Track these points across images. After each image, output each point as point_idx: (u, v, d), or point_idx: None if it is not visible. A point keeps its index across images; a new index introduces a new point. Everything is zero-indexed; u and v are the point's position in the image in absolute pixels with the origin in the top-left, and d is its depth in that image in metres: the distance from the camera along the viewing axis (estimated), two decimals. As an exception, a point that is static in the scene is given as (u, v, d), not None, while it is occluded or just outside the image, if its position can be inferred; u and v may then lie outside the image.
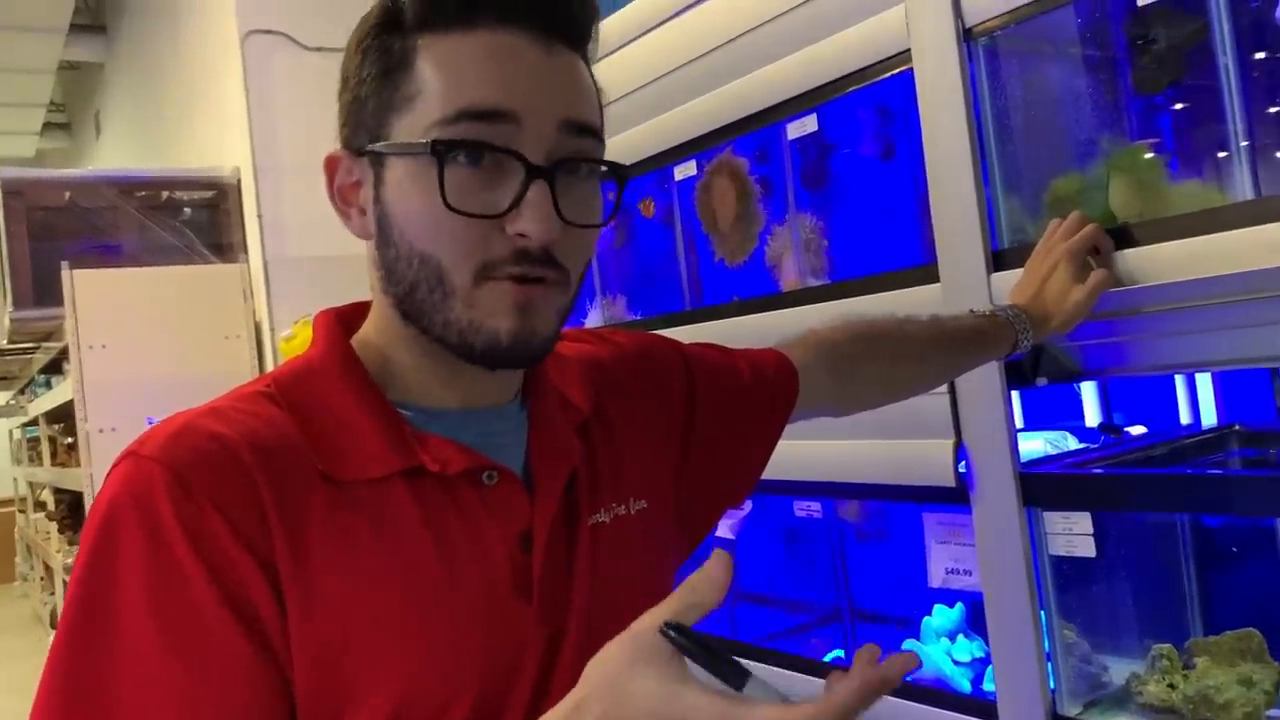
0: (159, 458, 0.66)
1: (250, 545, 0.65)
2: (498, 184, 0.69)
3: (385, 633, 0.68)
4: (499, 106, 0.69)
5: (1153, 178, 1.32)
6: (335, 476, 0.70)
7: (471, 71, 0.69)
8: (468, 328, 0.71)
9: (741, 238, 1.77)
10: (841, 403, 1.12)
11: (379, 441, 0.72)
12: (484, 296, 0.70)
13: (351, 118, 0.74)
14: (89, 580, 0.64)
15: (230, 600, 0.64)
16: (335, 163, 0.75)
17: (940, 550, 1.50)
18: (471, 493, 0.73)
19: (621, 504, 0.82)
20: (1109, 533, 1.33)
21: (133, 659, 0.63)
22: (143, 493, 0.65)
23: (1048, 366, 1.36)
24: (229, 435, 0.68)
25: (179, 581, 0.63)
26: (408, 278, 0.71)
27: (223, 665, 0.63)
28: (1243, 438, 1.53)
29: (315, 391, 0.73)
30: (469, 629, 0.70)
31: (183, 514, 0.64)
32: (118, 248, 4.48)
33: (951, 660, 1.58)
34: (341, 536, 0.68)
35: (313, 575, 0.67)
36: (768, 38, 1.61)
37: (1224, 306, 1.17)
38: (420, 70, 0.70)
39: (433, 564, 0.70)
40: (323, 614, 0.66)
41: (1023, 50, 1.39)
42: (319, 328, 0.78)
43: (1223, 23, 1.14)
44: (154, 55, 5.70)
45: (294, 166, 4.34)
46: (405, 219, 0.71)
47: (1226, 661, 1.30)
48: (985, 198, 1.34)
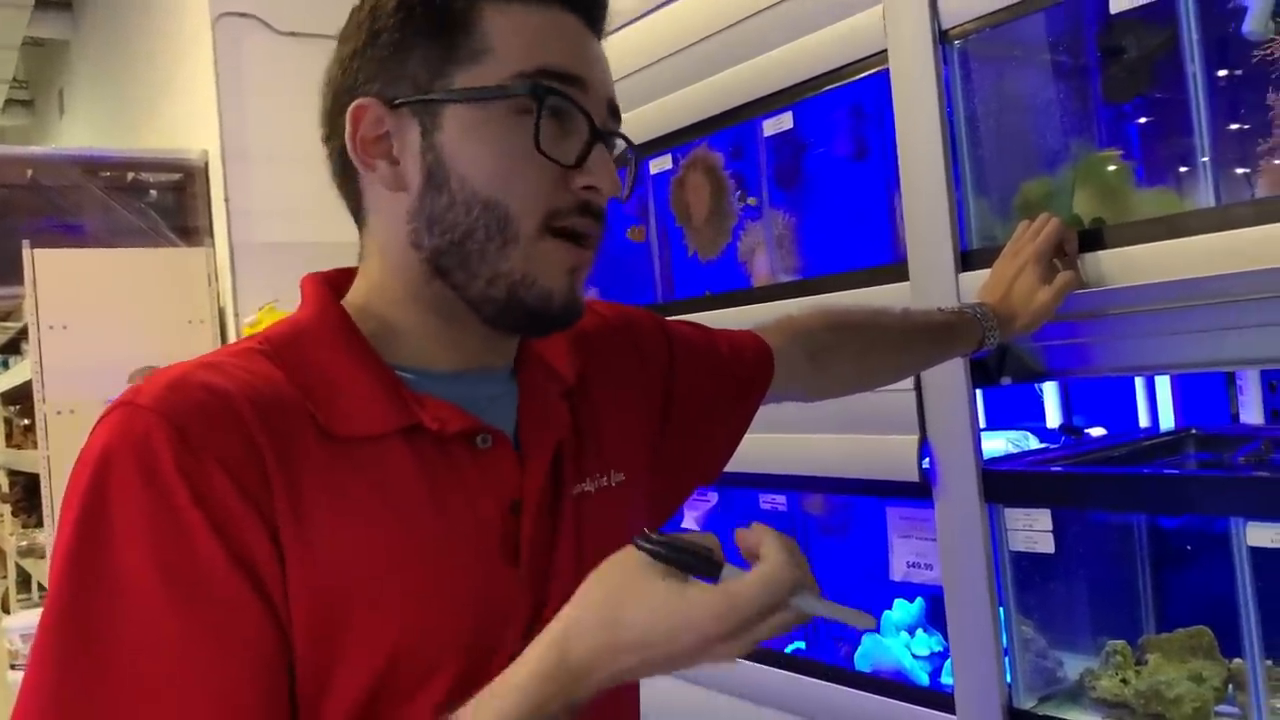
0: (156, 408, 0.65)
1: (251, 500, 0.65)
2: (568, 139, 0.73)
3: (380, 587, 0.68)
4: (576, 72, 0.74)
5: (1118, 184, 1.35)
6: (333, 432, 0.70)
7: (547, 37, 0.73)
8: (520, 281, 0.73)
9: (715, 232, 1.78)
10: (813, 388, 1.14)
11: (377, 398, 0.72)
12: (544, 251, 0.73)
13: (386, 70, 0.73)
14: (84, 531, 0.63)
15: (235, 554, 0.64)
16: (363, 111, 0.74)
17: (902, 544, 1.52)
18: (465, 454, 0.74)
19: (604, 475, 0.84)
20: (1068, 530, 1.36)
21: (138, 612, 0.62)
22: (140, 441, 0.64)
23: (1012, 366, 1.39)
24: (227, 387, 0.68)
25: (184, 534, 0.63)
26: (462, 225, 0.72)
27: (229, 620, 0.64)
28: (1199, 441, 1.57)
29: (310, 350, 0.74)
30: (460, 587, 0.71)
31: (183, 464, 0.64)
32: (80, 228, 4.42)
33: (911, 654, 1.60)
34: (338, 491, 0.69)
35: (310, 529, 0.67)
36: (746, 34, 1.62)
37: (1184, 311, 1.20)
38: (488, 31, 0.72)
39: (427, 521, 0.71)
40: (319, 567, 0.67)
41: (997, 55, 1.41)
42: (307, 290, 0.79)
43: (1191, 35, 1.17)
44: (122, 34, 5.62)
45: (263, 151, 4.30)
46: (473, 164, 0.72)
47: (1178, 658, 1.33)
48: (956, 199, 1.36)
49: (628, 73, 1.83)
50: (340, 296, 0.79)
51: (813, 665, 1.63)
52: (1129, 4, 1.19)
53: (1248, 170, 1.21)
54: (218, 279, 4.49)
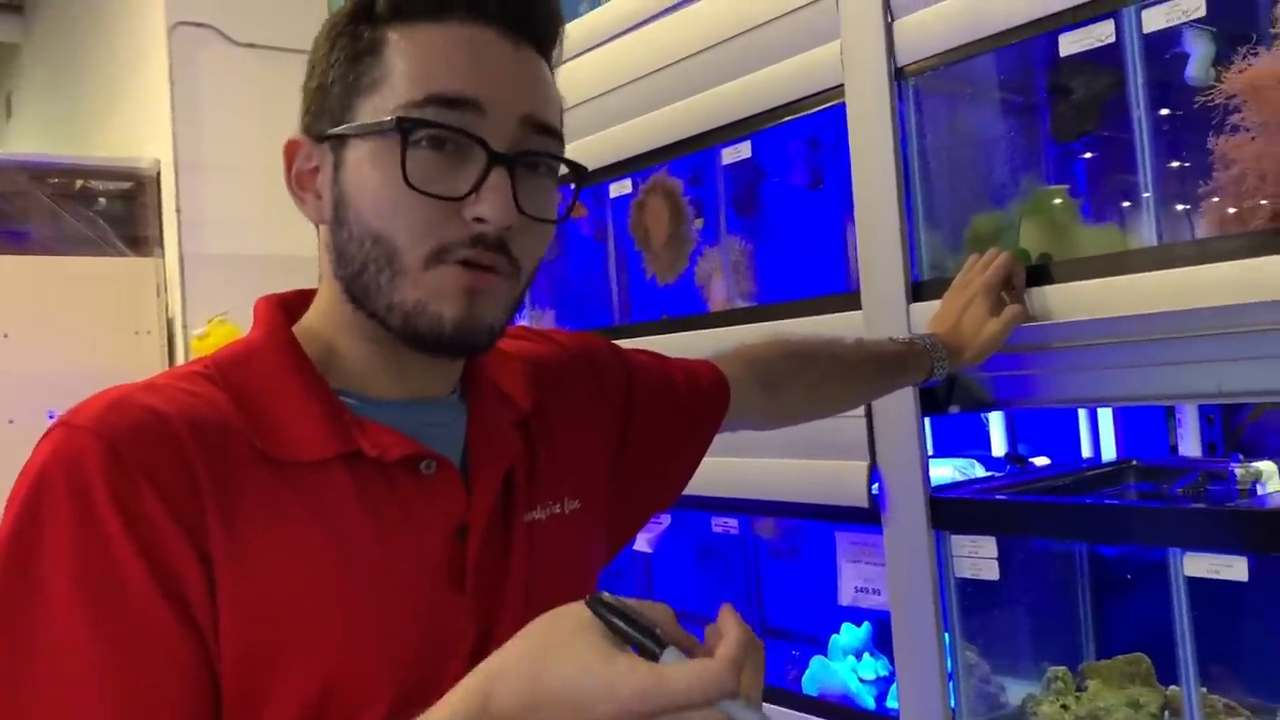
0: (93, 428, 0.65)
1: (183, 522, 0.65)
2: (459, 169, 0.71)
3: (316, 614, 0.68)
4: (466, 94, 0.70)
5: (1065, 220, 1.39)
6: (273, 456, 0.70)
7: (441, 59, 0.71)
8: (413, 309, 0.71)
9: (673, 257, 1.80)
10: (768, 416, 1.15)
11: (318, 424, 0.72)
12: (432, 279, 0.71)
13: (315, 104, 0.75)
14: (13, 550, 0.63)
15: (159, 577, 0.63)
16: (295, 147, 0.76)
17: (851, 569, 1.54)
18: (409, 481, 0.74)
19: (557, 503, 0.83)
20: (1012, 557, 1.39)
21: (56, 631, 0.62)
22: (75, 463, 0.64)
23: (960, 395, 1.42)
24: (165, 409, 0.67)
25: (108, 555, 0.63)
26: (358, 258, 0.72)
27: (148, 643, 0.63)
28: (1139, 472, 1.61)
29: (254, 374, 0.73)
30: (401, 615, 0.71)
31: (115, 486, 0.63)
32: (25, 235, 4.34)
33: (857, 677, 1.62)
34: (277, 516, 0.68)
35: (245, 554, 0.66)
36: (707, 64, 1.65)
37: (1126, 346, 1.24)
38: (389, 57, 0.71)
39: (368, 547, 0.71)
40: (254, 593, 0.66)
41: (950, 92, 1.45)
42: (260, 312, 0.78)
43: (1137, 79, 1.21)
44: (75, 39, 5.54)
45: (217, 162, 4.26)
46: (361, 198, 0.72)
47: (1117, 684, 1.36)
48: (908, 231, 1.39)
49: (590, 97, 1.85)
50: (294, 319, 0.79)
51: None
52: (1078, 47, 1.23)
53: (1190, 210, 1.26)
54: (167, 290, 4.42)
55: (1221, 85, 1.18)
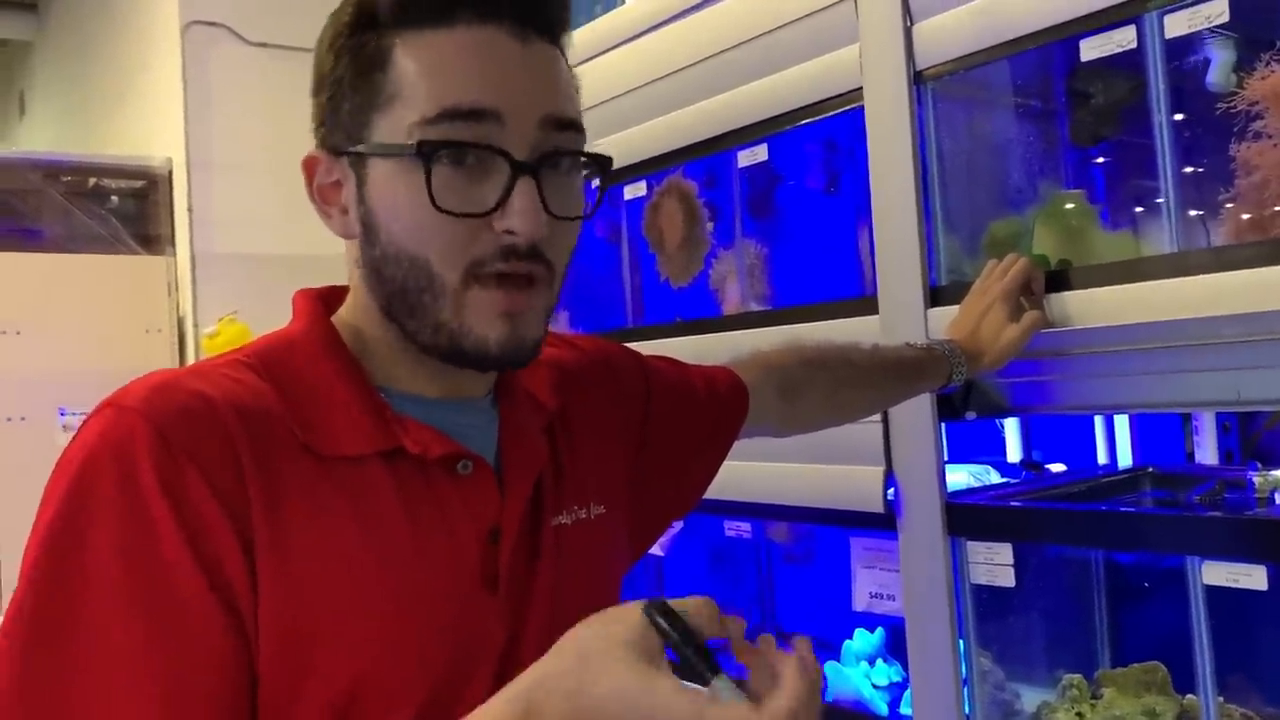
0: (141, 410, 0.65)
1: (227, 507, 0.65)
2: (483, 181, 0.70)
3: (353, 607, 0.68)
4: (482, 105, 0.69)
5: (1083, 226, 1.39)
6: (316, 449, 0.70)
7: (453, 69, 0.69)
8: (457, 330, 0.71)
9: (687, 259, 1.80)
10: (785, 423, 1.15)
11: (361, 419, 0.72)
12: (472, 302, 0.71)
13: (328, 118, 0.74)
14: (62, 530, 0.63)
15: (202, 562, 0.64)
16: (314, 163, 0.75)
17: (865, 575, 1.54)
18: (446, 480, 0.74)
19: (583, 508, 0.83)
20: (1028, 564, 1.38)
21: (101, 614, 0.62)
22: (123, 445, 0.64)
23: (977, 401, 1.41)
24: (213, 395, 0.67)
25: (152, 539, 0.63)
26: (397, 279, 0.72)
27: (190, 630, 0.63)
28: (1155, 479, 1.60)
29: (297, 366, 0.73)
30: (435, 615, 0.71)
31: (162, 470, 0.64)
32: (39, 233, 4.35)
33: (870, 683, 1.61)
34: (317, 509, 0.68)
35: (286, 543, 0.66)
36: (725, 66, 1.65)
37: (1145, 353, 1.23)
38: (399, 69, 0.70)
39: (405, 544, 0.71)
40: (293, 583, 0.66)
41: (969, 96, 1.44)
42: (299, 305, 0.78)
43: (1159, 85, 1.20)
44: (88, 38, 5.56)
45: (229, 161, 4.27)
46: (392, 220, 0.71)
47: (1132, 693, 1.35)
48: (926, 235, 1.39)
49: (605, 98, 1.85)
50: (330, 314, 0.78)
51: (773, 693, 1.64)
52: (1099, 52, 1.22)
53: (1210, 218, 1.25)
54: (178, 288, 4.44)
55: (1244, 92, 1.17)
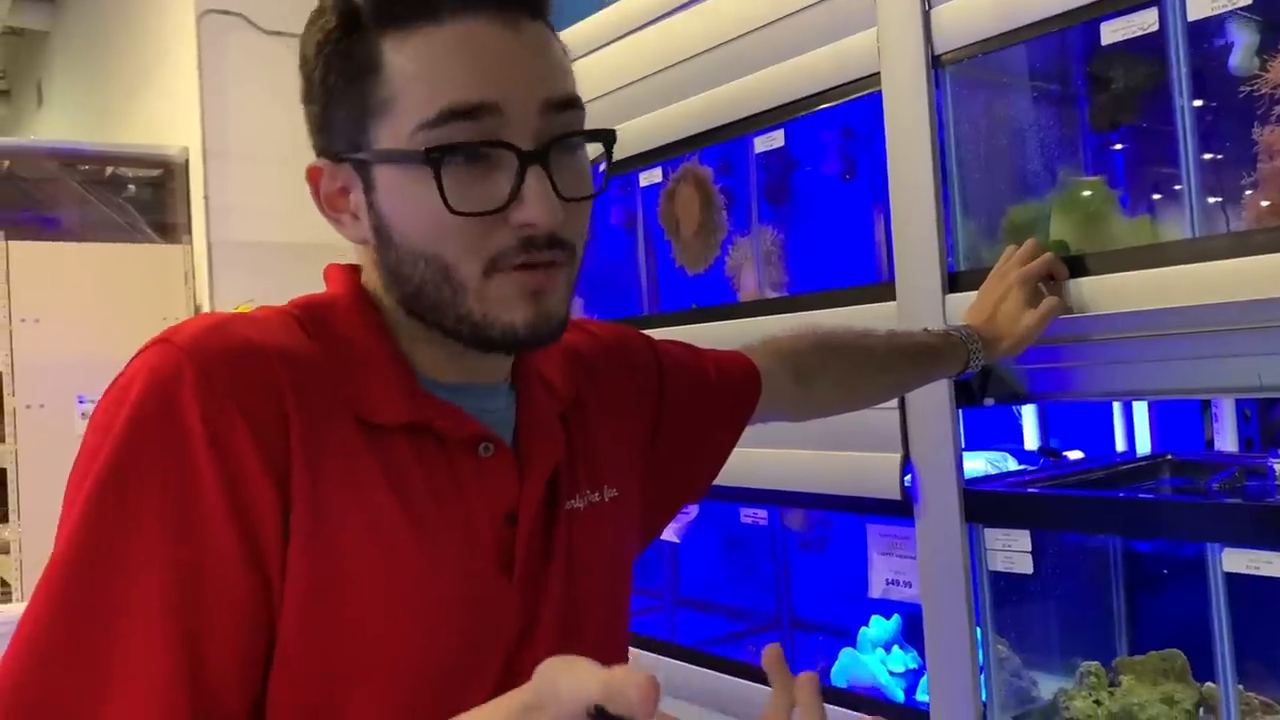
0: (190, 349, 0.65)
1: (267, 452, 0.65)
2: (493, 176, 0.69)
3: (376, 575, 0.68)
4: (482, 100, 0.68)
5: (1100, 211, 1.38)
6: (359, 414, 0.70)
7: (447, 68, 0.68)
8: (482, 321, 0.71)
9: (703, 246, 1.79)
10: (800, 409, 1.14)
11: (396, 389, 0.72)
12: (494, 289, 0.71)
13: (325, 126, 0.73)
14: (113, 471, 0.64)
15: (234, 503, 0.64)
16: (317, 173, 0.75)
17: (882, 561, 1.53)
18: (467, 461, 0.74)
19: (596, 491, 0.84)
20: (1045, 552, 1.38)
21: (136, 554, 0.63)
22: (169, 381, 0.64)
23: (995, 388, 1.40)
24: (262, 343, 0.68)
25: (190, 475, 0.64)
26: (414, 279, 0.72)
27: (213, 567, 0.64)
28: (1174, 466, 1.59)
29: (339, 326, 0.74)
30: (456, 590, 0.71)
31: (206, 408, 0.64)
32: (56, 221, 4.38)
33: (887, 670, 1.61)
34: (354, 472, 0.69)
35: (321, 495, 0.67)
36: (741, 51, 1.64)
37: (1164, 339, 1.22)
38: (391, 72, 0.69)
39: (431, 519, 0.71)
40: (326, 540, 0.67)
41: (988, 80, 1.43)
42: (333, 275, 0.78)
43: (1181, 69, 1.19)
44: (104, 27, 5.57)
45: (244, 150, 4.28)
46: (405, 223, 0.71)
47: (1150, 680, 1.35)
48: (944, 221, 1.38)
49: (621, 85, 1.84)
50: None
51: (789, 680, 1.64)
52: (1120, 35, 1.21)
53: (1231, 203, 1.24)
54: (194, 277, 4.46)
55: (1267, 75, 1.16)
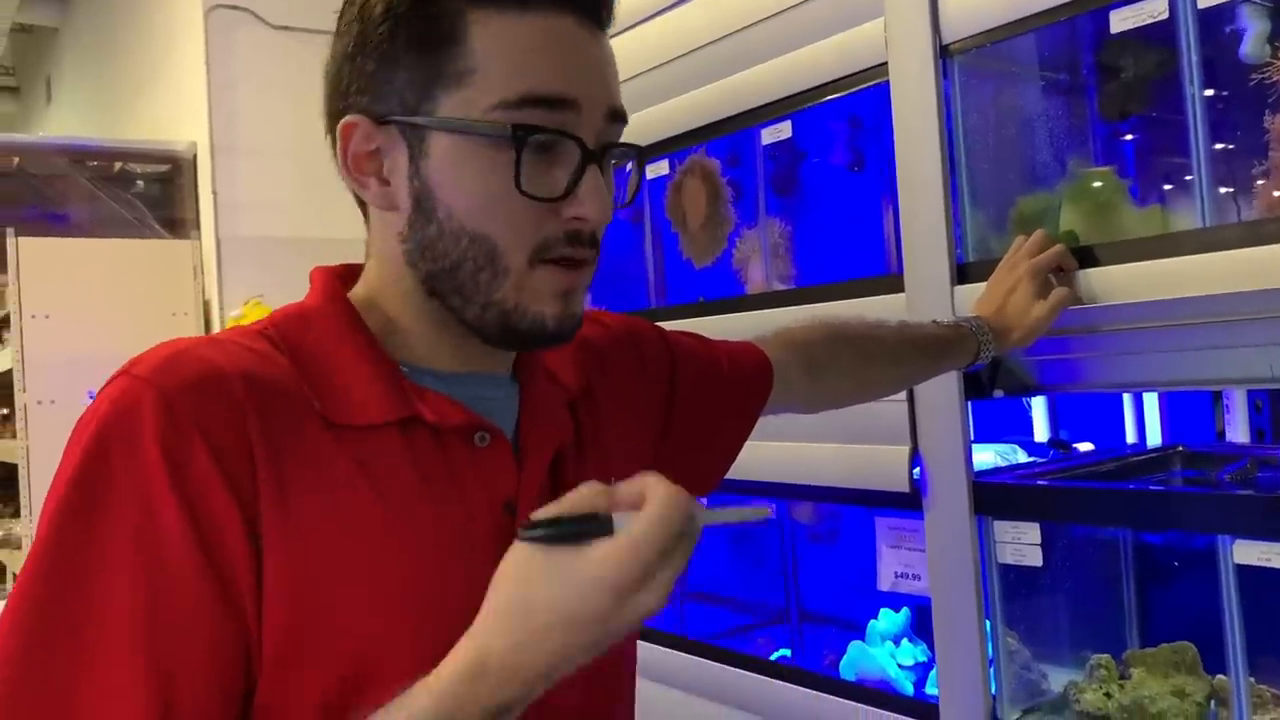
0: (150, 379, 0.66)
1: (230, 477, 0.65)
2: (555, 168, 0.71)
3: (363, 578, 0.68)
4: (564, 94, 0.70)
5: (1111, 201, 1.37)
6: (330, 418, 0.70)
7: (535, 56, 0.69)
8: (513, 310, 0.72)
9: (710, 239, 1.79)
10: (811, 400, 1.14)
11: (377, 388, 0.72)
12: (534, 280, 0.72)
13: (376, 84, 0.71)
14: (72, 497, 0.64)
15: (199, 533, 0.64)
16: (351, 128, 0.73)
17: (891, 554, 1.53)
18: (463, 451, 0.74)
19: (605, 483, 0.83)
20: (1055, 544, 1.37)
21: (102, 580, 0.63)
22: (131, 414, 0.65)
23: (1004, 379, 1.40)
24: (223, 365, 0.68)
25: (153, 509, 0.63)
26: (451, 255, 0.71)
27: (180, 600, 0.64)
28: (1185, 458, 1.58)
29: (313, 336, 0.73)
30: (447, 585, 0.71)
31: (166, 440, 0.64)
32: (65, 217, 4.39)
33: (896, 663, 1.61)
34: (328, 478, 0.68)
35: (294, 515, 0.66)
36: (747, 42, 1.63)
37: (1174, 329, 1.21)
38: (474, 46, 0.69)
39: (418, 514, 0.71)
40: (301, 555, 0.66)
41: (997, 70, 1.42)
42: (316, 281, 0.78)
43: (1191, 56, 1.18)
44: (112, 22, 5.58)
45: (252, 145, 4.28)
46: (457, 197, 0.71)
47: (1161, 673, 1.34)
48: (953, 212, 1.37)
49: (626, 77, 1.83)
50: (348, 290, 0.78)
51: (797, 673, 1.64)
52: (1130, 23, 1.20)
53: (1242, 192, 1.23)
54: (203, 272, 4.46)
55: (1278, 62, 1.15)
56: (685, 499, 0.61)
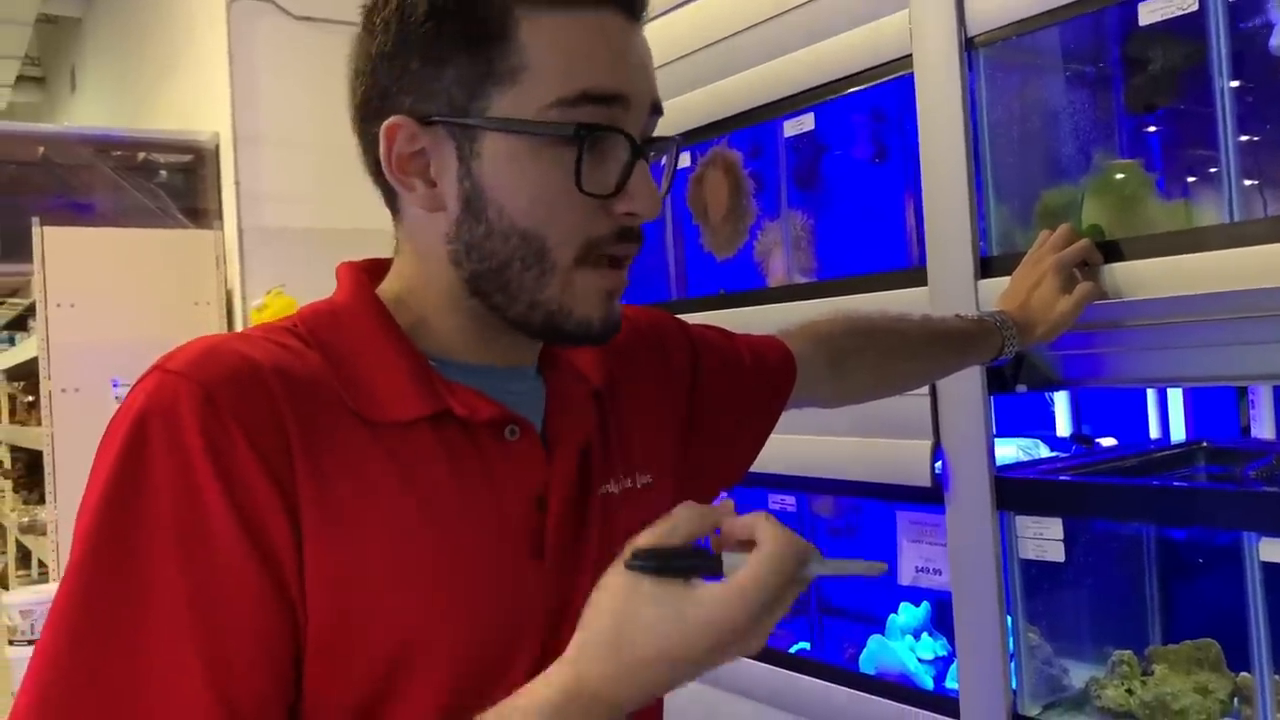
0: (187, 373, 0.66)
1: (271, 469, 0.65)
2: (606, 163, 0.71)
3: (400, 573, 0.68)
4: (618, 90, 0.70)
5: (1136, 195, 1.36)
6: (362, 415, 0.70)
7: (588, 52, 0.70)
8: (558, 310, 0.72)
9: (732, 231, 1.78)
10: (835, 394, 1.14)
11: (408, 384, 0.72)
12: (581, 280, 0.72)
13: (419, 83, 0.71)
14: (113, 494, 0.64)
15: (245, 525, 0.64)
16: (396, 129, 0.71)
17: (912, 549, 1.53)
18: (493, 444, 0.74)
19: (629, 477, 0.83)
20: (1077, 539, 1.36)
21: (150, 574, 0.63)
22: (170, 407, 0.65)
23: (1028, 374, 1.39)
24: (258, 359, 0.68)
25: (198, 501, 0.64)
26: (500, 255, 0.71)
27: (232, 594, 0.64)
28: (1209, 453, 1.57)
29: (343, 332, 0.73)
30: (482, 579, 0.71)
31: (208, 432, 0.64)
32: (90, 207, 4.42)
33: (916, 657, 1.61)
34: (363, 474, 0.69)
35: (332, 509, 0.67)
36: (770, 34, 1.62)
37: (1199, 324, 1.20)
38: (524, 43, 0.69)
39: (452, 508, 0.71)
40: (339, 549, 0.67)
41: (1022, 62, 1.41)
42: (343, 276, 0.78)
43: (1220, 49, 1.17)
44: (135, 13, 5.61)
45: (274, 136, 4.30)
46: (511, 197, 0.70)
47: (1184, 670, 1.33)
48: (977, 205, 1.36)
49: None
50: (376, 285, 0.78)
51: (817, 666, 1.64)
52: (1158, 16, 1.19)
53: (1269, 187, 1.22)
54: (225, 262, 4.49)
55: (1309, 56, 1.14)
56: (799, 547, 0.61)
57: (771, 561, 0.59)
